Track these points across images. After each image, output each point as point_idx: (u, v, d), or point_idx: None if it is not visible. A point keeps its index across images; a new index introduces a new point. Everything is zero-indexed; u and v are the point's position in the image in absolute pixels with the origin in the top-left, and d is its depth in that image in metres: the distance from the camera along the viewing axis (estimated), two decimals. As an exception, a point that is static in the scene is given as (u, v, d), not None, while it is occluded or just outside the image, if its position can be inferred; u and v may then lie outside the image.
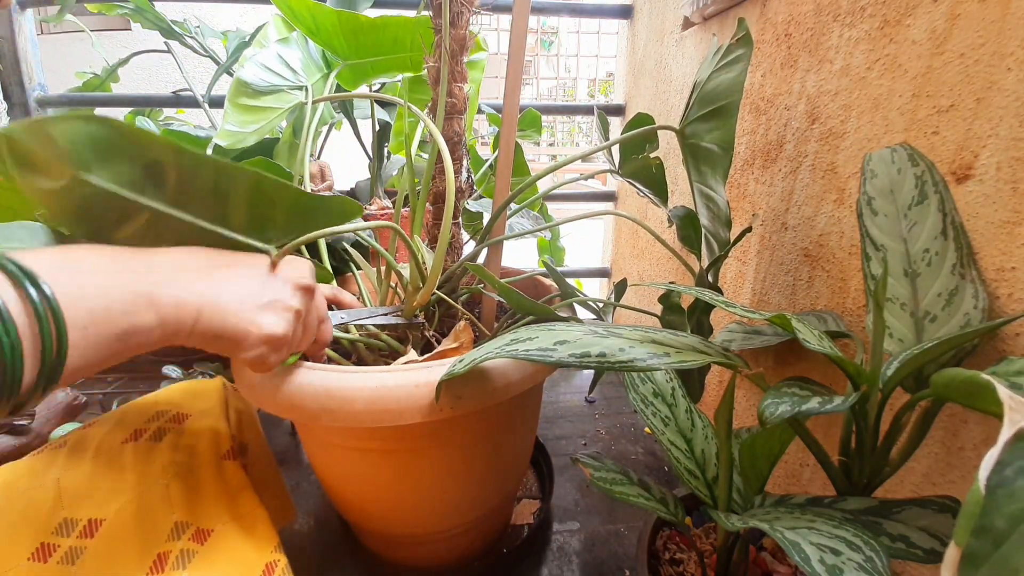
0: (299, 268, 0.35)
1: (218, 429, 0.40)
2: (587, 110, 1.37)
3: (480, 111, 0.95)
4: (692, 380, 0.53)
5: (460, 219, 0.56)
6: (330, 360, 0.50)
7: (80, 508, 0.32)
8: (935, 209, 0.37)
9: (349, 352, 0.51)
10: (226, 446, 0.40)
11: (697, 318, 0.51)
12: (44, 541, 0.30)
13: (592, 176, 1.18)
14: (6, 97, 1.06)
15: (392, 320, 0.48)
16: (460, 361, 0.35)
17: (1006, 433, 0.17)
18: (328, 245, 0.62)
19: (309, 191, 0.81)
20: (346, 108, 1.01)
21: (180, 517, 0.34)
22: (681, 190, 0.82)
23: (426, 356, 0.46)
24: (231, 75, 1.07)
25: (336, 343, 0.52)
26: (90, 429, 0.36)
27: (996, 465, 0.17)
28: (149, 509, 0.34)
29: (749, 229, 0.49)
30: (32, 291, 0.21)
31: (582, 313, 0.57)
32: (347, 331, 0.51)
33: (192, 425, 0.39)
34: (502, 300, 0.51)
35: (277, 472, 0.50)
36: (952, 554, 0.17)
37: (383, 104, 1.06)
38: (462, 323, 0.49)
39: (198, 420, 0.39)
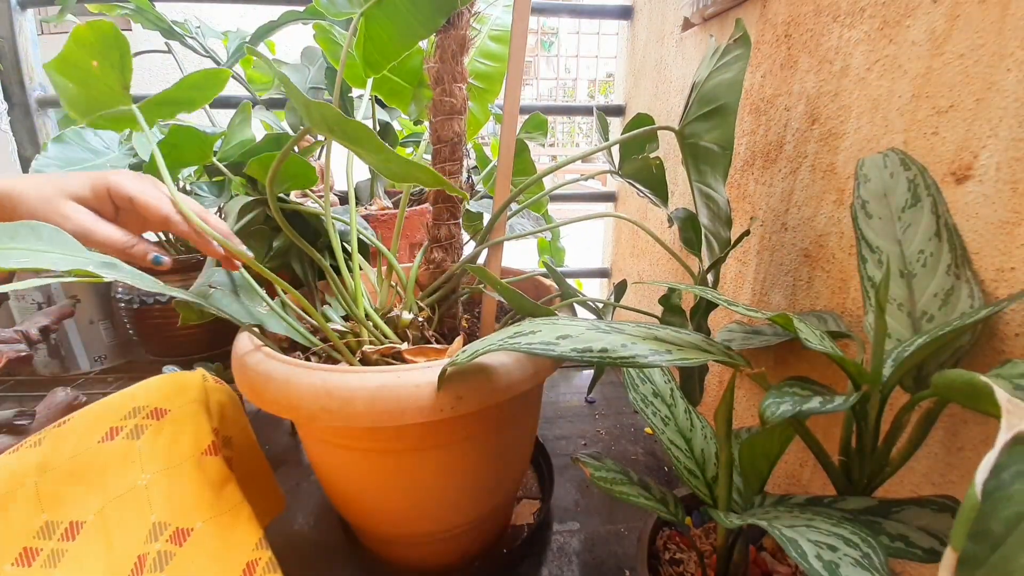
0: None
1: (199, 424, 0.39)
2: (587, 111, 1.37)
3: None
4: (692, 383, 0.54)
5: (460, 219, 0.56)
6: (332, 360, 0.50)
7: (61, 510, 0.32)
8: (928, 211, 0.37)
9: (354, 349, 0.51)
10: (207, 440, 0.39)
11: (697, 321, 0.51)
12: (27, 545, 0.30)
13: (592, 177, 1.19)
14: (7, 97, 1.06)
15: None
16: (463, 352, 0.35)
17: (1003, 437, 0.17)
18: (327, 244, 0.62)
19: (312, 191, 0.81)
20: (345, 107, 1.01)
21: (159, 517, 0.34)
22: (681, 190, 0.82)
23: (379, 348, 0.47)
24: (232, 75, 1.07)
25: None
26: (62, 428, 0.35)
27: (993, 468, 0.17)
28: (128, 510, 0.33)
29: (747, 232, 0.49)
30: None
31: (582, 313, 0.57)
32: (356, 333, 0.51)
33: (172, 420, 0.37)
34: (502, 300, 0.51)
35: (264, 463, 0.49)
36: (949, 558, 0.17)
37: (383, 104, 1.06)
38: (438, 346, 0.49)
39: (178, 415, 0.38)
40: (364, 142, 0.29)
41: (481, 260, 0.53)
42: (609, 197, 1.25)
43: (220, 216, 1.01)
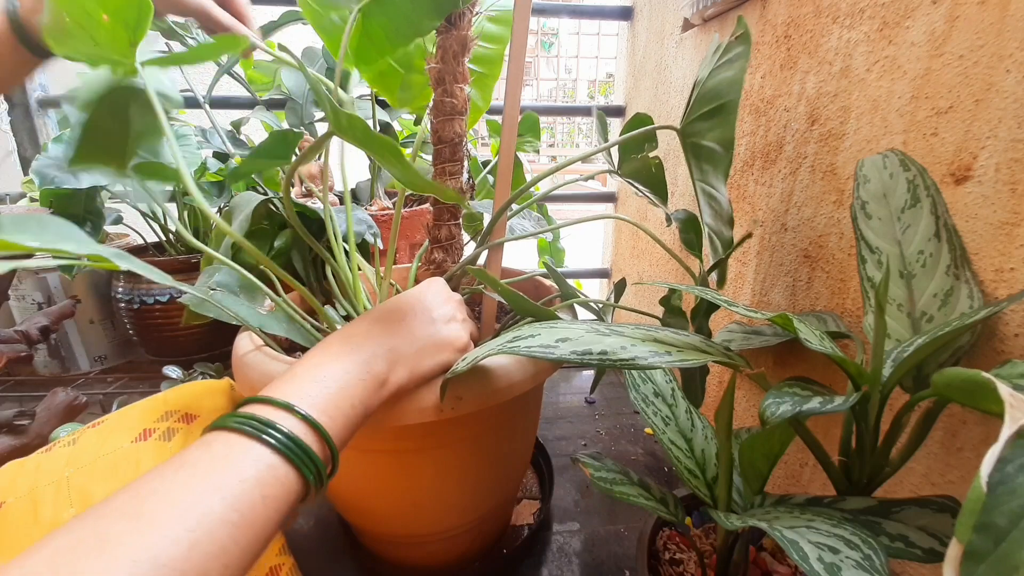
0: (437, 290, 0.43)
1: None
2: (587, 111, 1.37)
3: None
4: (693, 383, 0.54)
5: (461, 220, 0.56)
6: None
7: (89, 506, 0.32)
8: (928, 212, 0.37)
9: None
10: None
11: (699, 322, 0.51)
12: None
13: (592, 177, 1.19)
14: (7, 98, 1.06)
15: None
16: (462, 360, 0.35)
17: (1007, 430, 0.18)
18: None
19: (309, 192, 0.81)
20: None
21: None
22: (681, 190, 0.82)
23: None
24: (232, 76, 1.07)
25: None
26: (98, 429, 0.36)
27: (997, 462, 0.17)
28: None
29: (749, 235, 0.49)
30: (319, 432, 0.29)
31: (582, 314, 0.57)
32: None
33: (200, 425, 0.39)
34: (502, 301, 0.51)
35: None
36: (954, 551, 0.17)
37: (384, 105, 1.07)
38: None
39: (206, 420, 0.39)
40: (388, 155, 0.30)
41: (481, 261, 0.53)
42: (609, 197, 1.25)
43: (218, 213, 1.01)
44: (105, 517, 0.22)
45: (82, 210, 0.86)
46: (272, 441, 0.27)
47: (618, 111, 1.15)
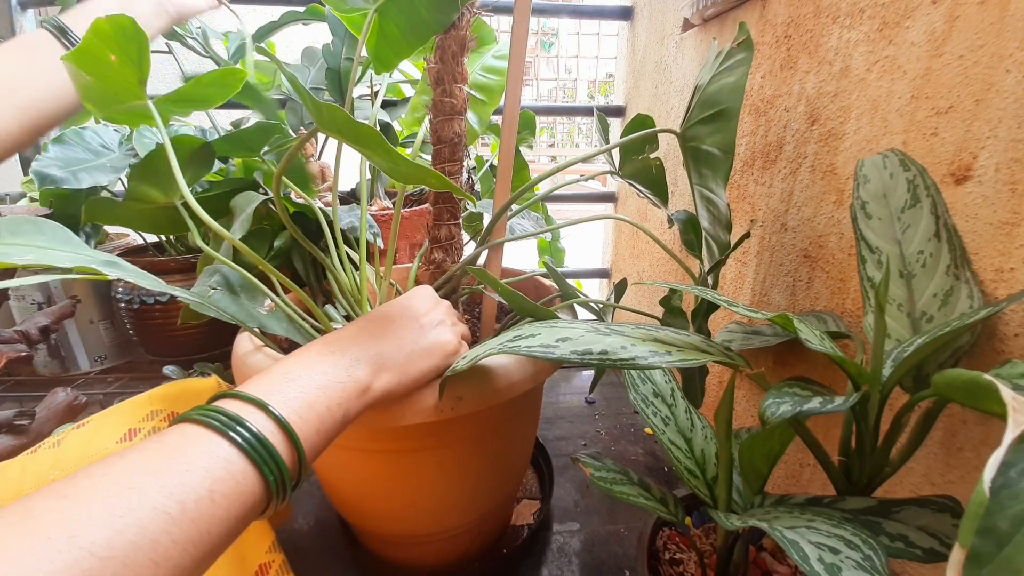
0: (425, 296, 0.42)
1: None
2: (587, 111, 1.37)
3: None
4: (693, 383, 0.54)
5: (460, 220, 0.56)
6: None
7: None
8: (928, 212, 0.37)
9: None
10: None
11: (699, 323, 0.51)
12: None
13: (592, 177, 1.19)
14: (7, 97, 1.06)
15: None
16: (463, 358, 0.35)
17: (1010, 434, 0.17)
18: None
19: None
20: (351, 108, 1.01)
21: None
22: (681, 191, 0.82)
23: None
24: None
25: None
26: (84, 429, 0.35)
27: (1001, 467, 0.17)
28: None
29: (747, 235, 0.49)
30: (289, 434, 0.28)
31: (582, 314, 0.57)
32: None
33: None
34: (503, 301, 0.51)
35: None
36: (957, 555, 0.17)
37: (384, 105, 1.06)
38: None
39: None
40: (373, 145, 0.29)
41: (481, 261, 0.53)
42: (609, 198, 1.25)
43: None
44: (39, 495, 0.21)
45: (82, 210, 0.86)
46: (236, 437, 0.25)
47: (618, 111, 1.15)
